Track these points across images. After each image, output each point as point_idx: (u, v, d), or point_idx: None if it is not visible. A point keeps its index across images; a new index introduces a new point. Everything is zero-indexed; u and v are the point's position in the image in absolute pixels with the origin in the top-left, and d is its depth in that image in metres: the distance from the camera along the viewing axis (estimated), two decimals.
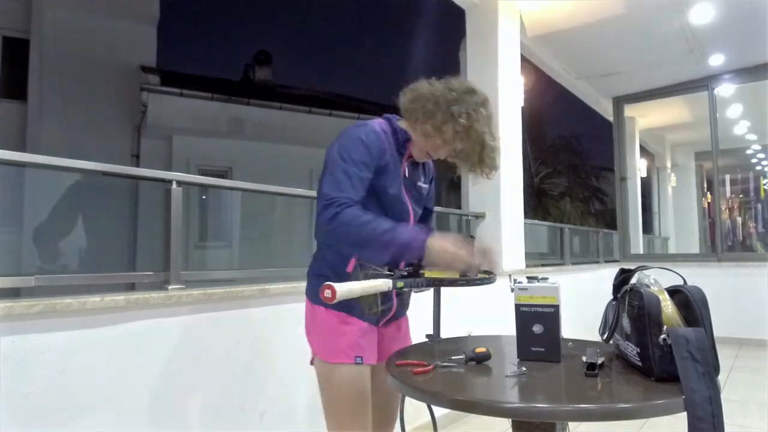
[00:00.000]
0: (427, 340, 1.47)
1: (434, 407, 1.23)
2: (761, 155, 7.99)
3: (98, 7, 9.22)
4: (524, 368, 1.10)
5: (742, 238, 8.65)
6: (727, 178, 7.74)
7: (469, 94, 1.30)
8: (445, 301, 1.59)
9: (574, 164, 15.72)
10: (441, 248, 1.20)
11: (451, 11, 3.85)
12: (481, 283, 1.29)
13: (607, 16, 4.23)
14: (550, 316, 1.17)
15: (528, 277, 1.20)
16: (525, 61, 4.53)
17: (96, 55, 9.06)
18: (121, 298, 1.57)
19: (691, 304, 1.03)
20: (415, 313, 1.61)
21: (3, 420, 1.33)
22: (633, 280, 1.13)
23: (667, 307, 1.05)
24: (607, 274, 5.26)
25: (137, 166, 8.89)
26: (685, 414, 0.90)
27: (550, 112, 16.34)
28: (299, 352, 1.57)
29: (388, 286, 1.15)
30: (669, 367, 0.98)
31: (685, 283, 1.10)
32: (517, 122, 3.86)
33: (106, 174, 1.84)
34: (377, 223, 1.18)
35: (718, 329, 1.06)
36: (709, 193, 7.97)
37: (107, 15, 9.31)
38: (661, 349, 0.99)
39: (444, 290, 1.54)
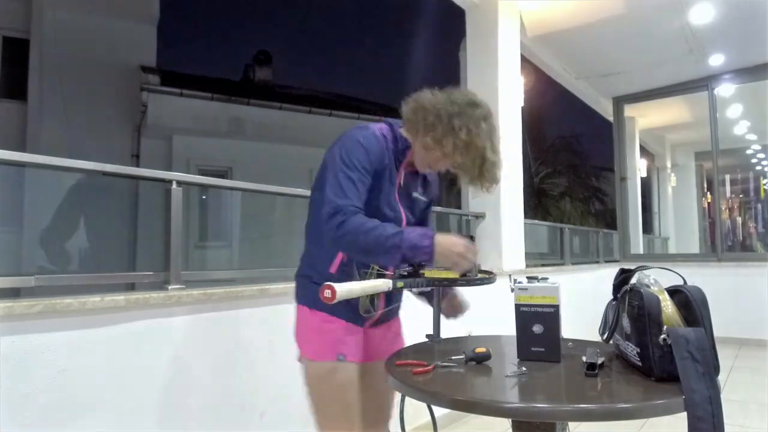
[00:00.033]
0: (427, 340, 1.47)
1: (434, 407, 1.23)
2: (761, 155, 7.99)
3: (98, 7, 9.23)
4: (524, 368, 1.10)
5: (742, 238, 8.65)
6: (727, 178, 7.74)
7: (472, 107, 1.28)
8: None
9: (574, 164, 15.73)
10: (448, 247, 1.21)
11: (451, 11, 3.86)
12: (481, 283, 1.29)
13: (607, 16, 4.23)
14: (550, 316, 1.17)
15: (528, 277, 1.20)
16: (525, 61, 4.53)
17: (96, 55, 9.06)
18: (121, 298, 1.57)
19: (691, 304, 1.03)
20: (415, 313, 1.61)
21: (3, 420, 1.33)
22: (633, 280, 1.13)
23: (667, 307, 1.05)
24: (607, 274, 5.26)
25: (137, 166, 8.89)
26: (685, 414, 0.90)
27: (550, 112, 16.35)
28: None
29: (388, 287, 1.15)
30: (669, 367, 0.98)
31: (685, 283, 1.10)
32: (517, 122, 3.87)
33: (106, 174, 1.84)
34: (383, 229, 1.18)
35: (718, 329, 1.06)
36: (709, 193, 7.97)
37: (107, 15, 9.31)
38: (661, 349, 0.99)
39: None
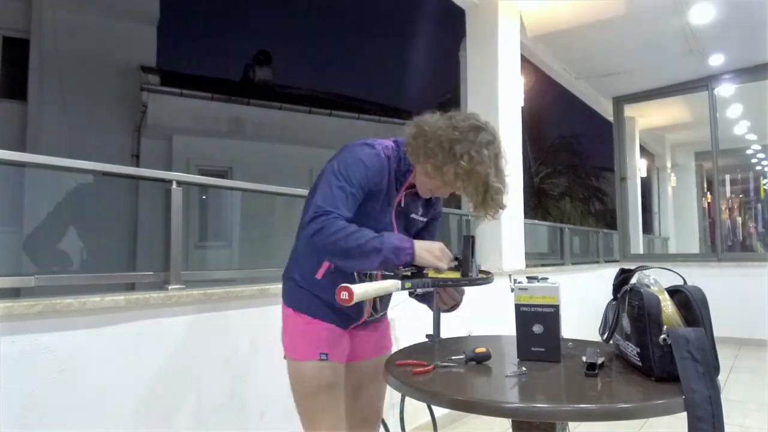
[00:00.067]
0: (427, 340, 1.47)
1: (434, 407, 1.23)
2: (761, 155, 7.99)
3: (98, 7, 9.23)
4: (524, 368, 1.10)
5: (742, 238, 8.65)
6: (727, 178, 7.74)
7: (475, 132, 1.24)
8: None
9: (574, 164, 15.73)
10: (427, 248, 1.22)
11: (451, 11, 3.86)
12: (483, 283, 1.29)
13: (608, 16, 4.23)
14: (550, 316, 1.17)
15: (528, 277, 1.21)
16: (525, 61, 4.53)
17: (96, 55, 9.06)
18: (121, 298, 1.57)
19: (691, 304, 1.03)
20: (415, 313, 1.61)
21: (3, 420, 1.33)
22: (633, 280, 1.14)
23: (667, 307, 1.05)
24: (607, 274, 5.26)
25: (137, 166, 8.89)
26: (685, 414, 0.90)
27: (550, 112, 16.33)
28: None
29: (397, 287, 1.15)
30: (669, 367, 0.98)
31: (685, 283, 1.10)
32: (517, 122, 3.86)
33: (106, 174, 1.84)
34: (362, 233, 1.17)
35: (718, 329, 1.06)
36: (709, 193, 7.97)
37: (107, 15, 9.31)
38: (661, 349, 0.99)
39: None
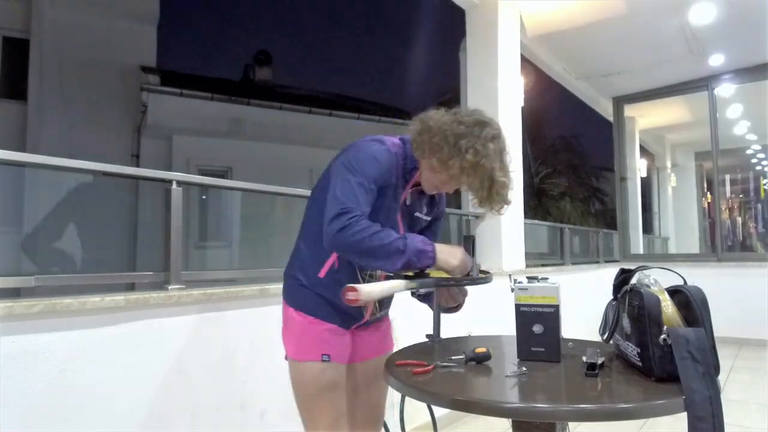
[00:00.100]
0: (427, 340, 1.47)
1: (434, 407, 1.23)
2: (761, 155, 7.99)
3: (98, 7, 9.23)
4: (524, 368, 1.10)
5: (742, 238, 8.65)
6: (727, 178, 7.74)
7: (479, 126, 1.25)
8: None
9: (574, 164, 15.73)
10: (450, 253, 1.23)
11: (451, 11, 3.86)
12: (483, 283, 1.29)
13: (607, 16, 4.23)
14: (550, 316, 1.17)
15: (528, 277, 1.21)
16: (525, 61, 4.53)
17: (96, 55, 9.06)
18: (121, 298, 1.57)
19: (691, 304, 1.03)
20: (415, 313, 1.61)
21: (3, 420, 1.33)
22: (633, 280, 1.13)
23: (668, 307, 1.05)
24: (607, 274, 5.26)
25: (137, 166, 8.89)
26: (685, 414, 0.90)
27: (550, 112, 16.34)
28: None
29: (402, 288, 1.16)
30: (669, 367, 0.98)
31: (685, 283, 1.10)
32: (517, 122, 3.86)
33: (106, 174, 1.84)
34: (387, 233, 1.17)
35: (718, 329, 1.06)
36: (709, 193, 7.97)
37: (107, 15, 9.31)
38: (662, 349, 0.99)
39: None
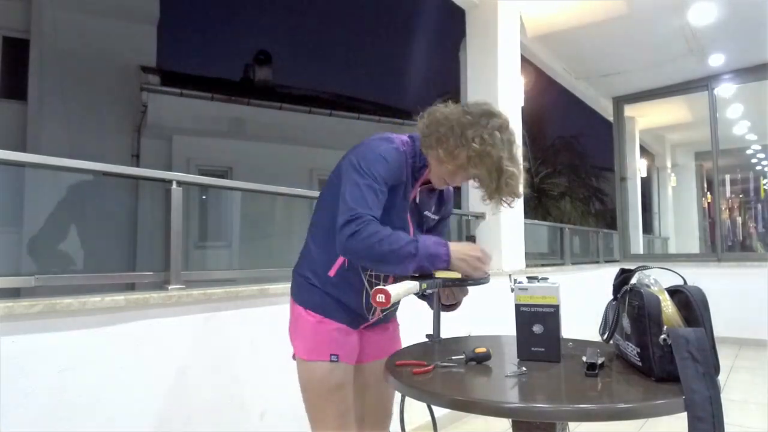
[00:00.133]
0: (427, 340, 1.47)
1: (434, 407, 1.23)
2: (761, 155, 7.99)
3: (98, 7, 9.23)
4: (524, 368, 1.10)
5: (742, 238, 8.64)
6: (727, 178, 7.73)
7: (486, 116, 1.24)
8: None
9: (574, 164, 15.73)
10: (467, 253, 1.22)
11: (451, 11, 3.86)
12: (483, 283, 1.29)
13: (607, 16, 4.23)
14: (550, 316, 1.17)
15: (528, 277, 1.20)
16: (525, 61, 4.53)
17: (96, 55, 9.06)
18: (121, 298, 1.57)
19: (692, 304, 1.03)
20: (415, 313, 1.61)
21: (3, 420, 1.33)
22: (633, 280, 1.13)
23: (668, 307, 1.05)
24: (607, 274, 5.26)
25: (137, 166, 8.89)
26: (685, 414, 0.90)
27: (550, 112, 16.35)
28: None
29: (417, 289, 1.17)
30: (669, 367, 0.98)
31: (685, 283, 1.10)
32: (517, 122, 3.87)
33: (106, 174, 1.84)
34: (397, 237, 1.17)
35: (718, 329, 1.06)
36: (709, 193, 7.97)
37: (107, 15, 9.31)
38: (662, 349, 0.99)
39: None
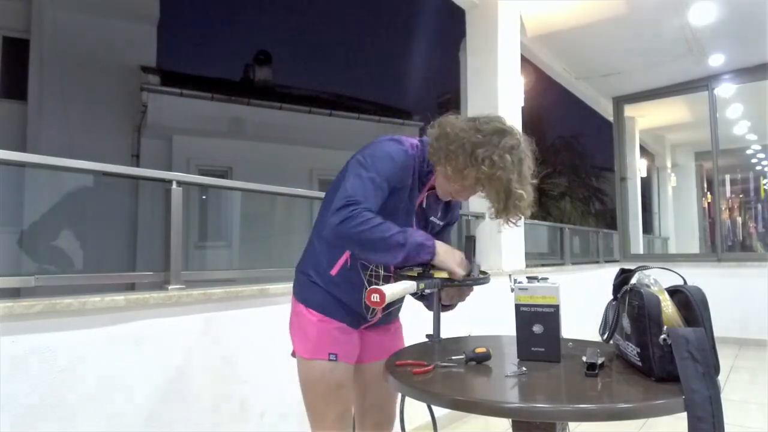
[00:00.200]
0: (427, 340, 1.47)
1: (434, 407, 1.23)
2: (761, 155, 7.99)
3: (98, 7, 9.23)
4: (524, 368, 1.10)
5: (742, 238, 8.64)
6: (727, 178, 7.74)
7: (498, 135, 1.20)
8: None
9: (574, 164, 15.72)
10: (449, 252, 1.23)
11: (451, 11, 3.86)
12: (483, 283, 1.29)
13: (607, 16, 4.23)
14: (550, 316, 1.17)
15: (528, 277, 1.20)
16: (525, 61, 4.53)
17: (96, 55, 9.06)
18: (121, 298, 1.57)
19: (691, 304, 1.03)
20: (415, 313, 1.61)
21: (3, 420, 1.33)
22: (633, 280, 1.13)
23: (667, 307, 1.05)
24: (607, 274, 5.26)
25: (137, 166, 8.89)
26: (685, 414, 0.90)
27: (550, 112, 16.36)
28: None
29: (414, 289, 1.17)
30: (669, 367, 0.98)
31: (685, 283, 1.10)
32: (517, 122, 3.87)
33: (106, 174, 1.84)
34: (387, 226, 1.17)
35: (718, 329, 1.06)
36: (709, 193, 7.97)
37: (107, 15, 9.31)
38: (661, 349, 0.99)
39: None
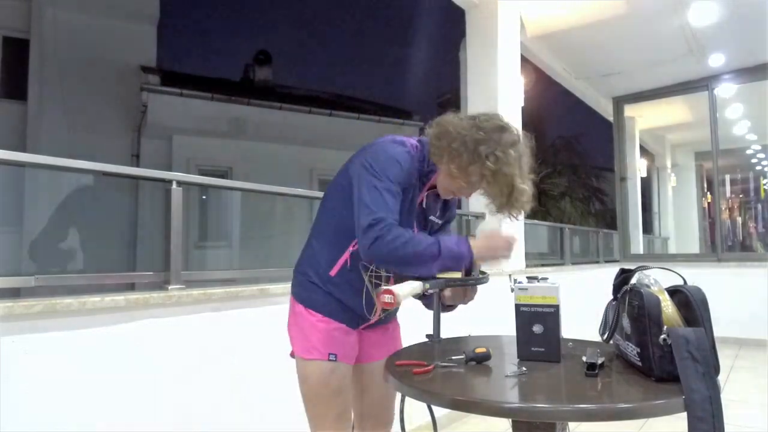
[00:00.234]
0: (427, 340, 1.47)
1: (434, 407, 1.23)
2: (761, 155, 7.99)
3: (98, 7, 9.23)
4: (524, 368, 1.10)
5: (742, 238, 8.65)
6: (727, 178, 7.74)
7: (499, 132, 1.23)
8: None
9: (574, 164, 15.71)
10: (487, 245, 1.25)
11: (451, 11, 3.86)
12: (483, 283, 1.29)
13: (607, 16, 4.23)
14: (550, 316, 1.17)
15: (528, 277, 1.20)
16: (525, 61, 4.53)
17: (96, 55, 9.06)
18: (121, 298, 1.57)
19: (691, 304, 1.03)
20: (415, 313, 1.61)
21: (3, 420, 1.33)
22: (633, 280, 1.13)
23: (667, 307, 1.05)
24: (607, 274, 5.25)
25: (137, 166, 8.89)
26: (685, 414, 0.90)
27: (550, 112, 16.36)
28: None
29: (421, 289, 1.18)
30: (669, 367, 0.98)
31: (685, 283, 1.10)
32: (517, 122, 3.87)
33: (106, 174, 1.84)
34: (419, 238, 1.18)
35: (718, 329, 1.06)
36: (709, 193, 7.97)
37: (107, 15, 9.31)
38: (661, 349, 0.99)
39: None
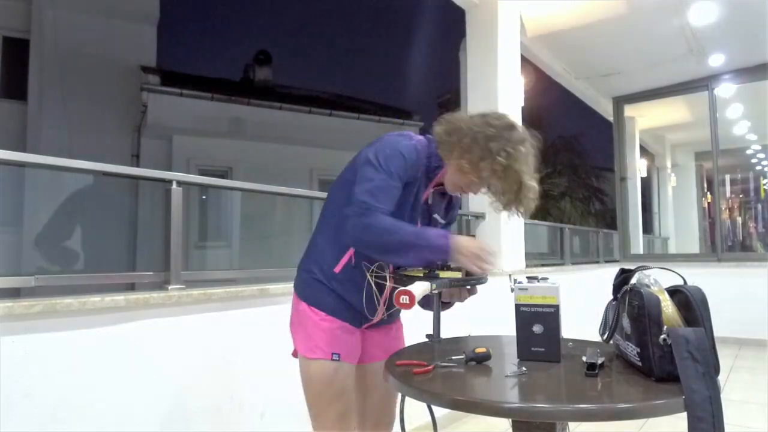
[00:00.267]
0: (427, 340, 1.47)
1: (434, 407, 1.23)
2: (761, 155, 7.99)
3: (98, 7, 9.23)
4: (524, 368, 1.10)
5: (742, 238, 8.65)
6: (727, 178, 7.74)
7: (509, 130, 1.25)
8: None
9: (574, 164, 15.71)
10: (466, 247, 1.22)
11: (451, 11, 3.86)
12: (482, 282, 1.29)
13: (607, 16, 4.23)
14: (550, 316, 1.17)
15: (528, 277, 1.20)
16: (525, 61, 4.53)
17: (96, 55, 9.06)
18: (121, 298, 1.57)
19: (691, 304, 1.03)
20: (415, 313, 1.61)
21: (3, 420, 1.33)
22: (633, 280, 1.13)
23: (668, 307, 1.05)
24: (607, 274, 5.26)
25: (137, 166, 8.89)
26: (685, 414, 0.90)
27: (550, 112, 16.33)
28: None
29: (429, 290, 1.18)
30: (669, 367, 0.98)
31: (685, 283, 1.10)
32: (518, 122, 3.86)
33: (106, 174, 1.84)
34: (403, 227, 1.19)
35: (718, 329, 1.06)
36: (709, 193, 7.97)
37: (107, 15, 9.31)
38: (661, 349, 0.99)
39: None
